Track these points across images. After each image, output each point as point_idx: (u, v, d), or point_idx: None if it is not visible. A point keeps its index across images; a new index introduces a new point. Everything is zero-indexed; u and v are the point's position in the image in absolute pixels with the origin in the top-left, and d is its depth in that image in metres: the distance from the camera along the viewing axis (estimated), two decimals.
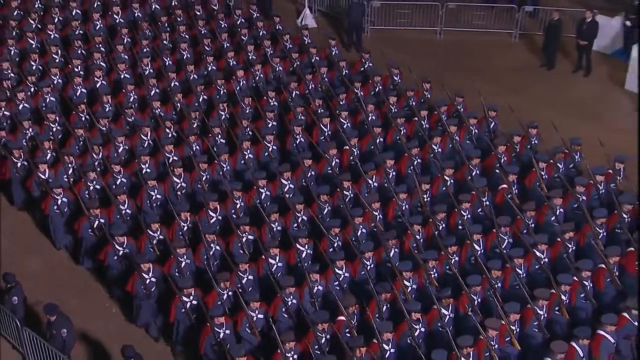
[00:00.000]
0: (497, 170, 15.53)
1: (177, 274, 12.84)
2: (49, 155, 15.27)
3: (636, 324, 11.94)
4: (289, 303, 12.31)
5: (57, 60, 18.38)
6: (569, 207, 14.58)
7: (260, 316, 12.13)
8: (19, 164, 15.21)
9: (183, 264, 12.94)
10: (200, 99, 17.36)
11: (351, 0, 22.28)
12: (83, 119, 16.40)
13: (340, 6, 23.44)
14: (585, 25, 20.54)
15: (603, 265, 12.91)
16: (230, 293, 12.52)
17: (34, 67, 18.14)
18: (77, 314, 13.06)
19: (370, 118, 16.84)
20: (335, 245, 13.53)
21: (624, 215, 14.06)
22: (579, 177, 14.97)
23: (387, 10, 22.87)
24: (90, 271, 14.53)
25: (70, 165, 15.02)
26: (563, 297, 12.34)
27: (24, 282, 13.24)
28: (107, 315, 13.87)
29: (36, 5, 20.67)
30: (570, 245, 13.38)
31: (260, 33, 20.28)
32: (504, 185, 14.87)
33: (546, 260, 13.16)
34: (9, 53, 18.65)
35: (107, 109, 16.68)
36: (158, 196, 14.49)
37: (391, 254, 13.24)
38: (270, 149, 15.72)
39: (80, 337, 13.00)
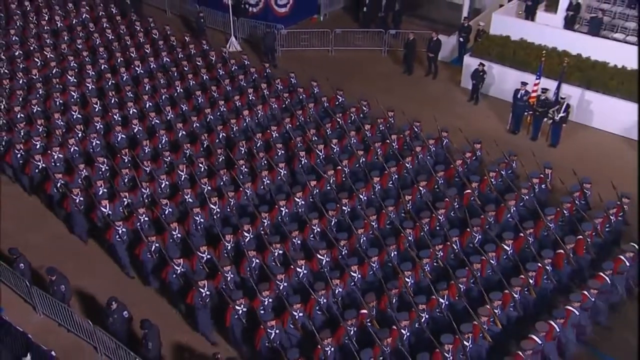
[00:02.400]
0: (457, 179, 15.25)
1: (223, 286, 12.20)
2: (101, 192, 14.33)
3: (593, 299, 11.92)
4: (322, 302, 11.84)
5: (97, 109, 17.33)
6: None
7: (301, 314, 11.64)
8: (77, 200, 14.27)
9: (229, 278, 12.31)
10: (220, 136, 16.52)
11: (265, 29, 22.64)
12: (126, 160, 15.42)
13: (257, 34, 23.65)
14: (432, 43, 21.26)
15: (561, 251, 12.80)
16: (270, 300, 11.94)
17: (74, 117, 17.05)
18: (72, 274, 13.09)
19: (353, 141, 16.32)
20: (344, 252, 13.03)
21: (565, 212, 13.95)
22: (524, 182, 14.78)
23: (292, 36, 23.27)
24: (81, 241, 14.72)
25: (124, 200, 14.12)
26: (531, 281, 12.22)
27: (29, 252, 13.46)
28: (96, 275, 13.82)
29: (72, 64, 19.42)
30: (530, 239, 13.23)
31: (254, 77, 19.52)
32: (468, 191, 14.60)
33: (511, 251, 12.97)
34: (55, 104, 17.52)
35: (146, 151, 15.73)
36: (201, 220, 13.75)
37: (392, 255, 12.84)
38: (282, 173, 15.06)
39: (75, 291, 13.17)
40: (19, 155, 15.61)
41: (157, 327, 11.52)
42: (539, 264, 12.33)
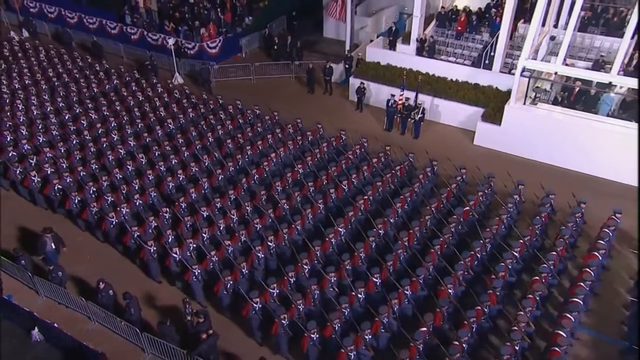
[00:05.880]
0: (453, 199, 13.75)
1: (297, 317, 10.21)
2: (170, 239, 11.91)
3: (588, 289, 10.77)
4: (385, 322, 10.02)
5: (143, 163, 14.71)
6: None
7: (370, 336, 9.80)
8: (152, 250, 11.88)
9: (301, 308, 10.31)
10: (255, 177, 14.31)
11: (201, 66, 21.99)
12: (184, 206, 13.04)
13: (195, 69, 22.62)
14: (326, 69, 21.15)
15: (554, 253, 11.54)
16: (339, 325, 10.03)
17: (129, 170, 14.52)
18: (66, 263, 12.38)
19: (366, 174, 14.45)
20: (391, 270, 11.18)
21: (542, 220, 12.69)
22: (510, 198, 13.37)
23: (222, 70, 22.53)
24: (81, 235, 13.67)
25: (190, 245, 11.77)
26: (543, 281, 10.88)
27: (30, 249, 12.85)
28: (84, 263, 12.94)
29: (112, 124, 16.64)
30: (527, 244, 11.91)
31: (267, 124, 17.31)
32: (466, 208, 13.07)
33: (519, 256, 11.59)
34: (108, 160, 14.76)
35: (193, 197, 13.41)
36: (261, 256, 11.61)
37: (430, 270, 11.14)
38: (321, 207, 13.03)
39: (69, 276, 12.35)
40: (93, 212, 13.10)
41: (136, 297, 11.17)
42: (545, 266, 11.00)
